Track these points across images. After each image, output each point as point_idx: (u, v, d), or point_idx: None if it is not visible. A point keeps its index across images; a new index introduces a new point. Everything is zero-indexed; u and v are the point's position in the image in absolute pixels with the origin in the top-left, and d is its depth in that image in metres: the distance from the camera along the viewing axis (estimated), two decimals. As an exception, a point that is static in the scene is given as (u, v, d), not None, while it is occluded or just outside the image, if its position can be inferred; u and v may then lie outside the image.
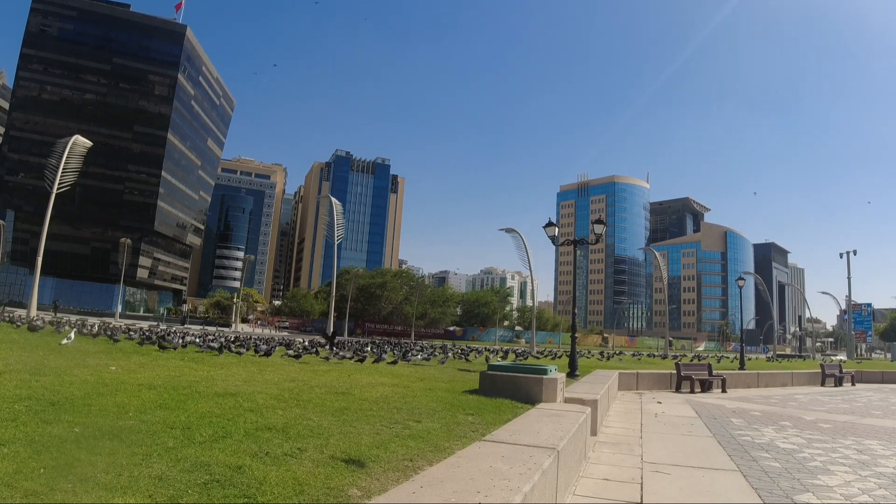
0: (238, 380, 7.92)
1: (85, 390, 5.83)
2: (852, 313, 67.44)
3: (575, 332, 15.60)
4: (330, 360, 13.88)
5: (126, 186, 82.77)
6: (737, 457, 6.71)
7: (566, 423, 5.12)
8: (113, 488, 2.85)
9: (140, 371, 8.24)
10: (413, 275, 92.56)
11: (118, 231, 76.48)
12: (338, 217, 49.06)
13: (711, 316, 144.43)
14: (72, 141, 39.33)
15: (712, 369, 17.35)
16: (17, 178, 76.38)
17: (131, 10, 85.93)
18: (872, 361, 54.05)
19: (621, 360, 27.95)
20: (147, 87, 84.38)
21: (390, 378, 9.63)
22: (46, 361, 8.46)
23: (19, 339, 13.32)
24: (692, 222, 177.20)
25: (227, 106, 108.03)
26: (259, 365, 10.88)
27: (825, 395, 17.44)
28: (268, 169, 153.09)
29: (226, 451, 3.72)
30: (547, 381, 7.14)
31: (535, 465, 3.35)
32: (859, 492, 5.30)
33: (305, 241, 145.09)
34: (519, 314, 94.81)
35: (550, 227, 16.37)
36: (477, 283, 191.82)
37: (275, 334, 49.71)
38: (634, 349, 67.35)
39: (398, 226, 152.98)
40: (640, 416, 10.15)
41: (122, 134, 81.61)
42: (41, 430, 3.98)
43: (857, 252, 59.16)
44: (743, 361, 25.63)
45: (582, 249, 55.07)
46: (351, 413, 5.51)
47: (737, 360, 31.80)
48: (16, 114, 78.17)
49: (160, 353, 12.37)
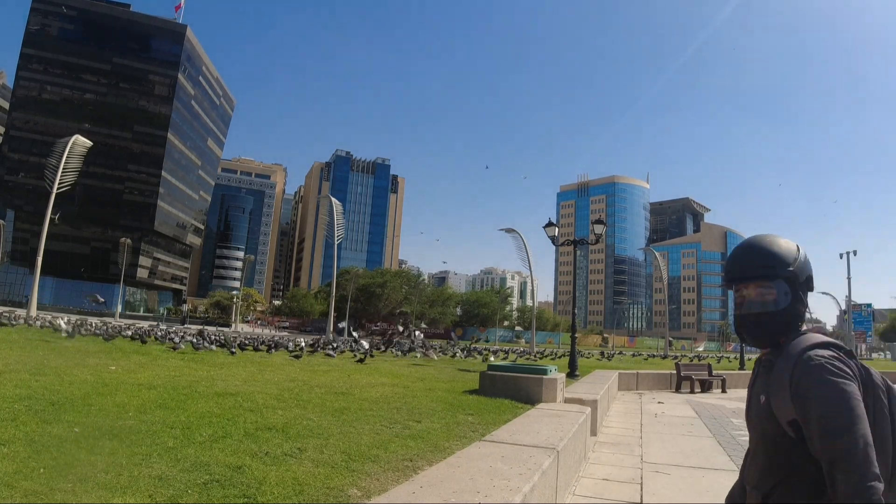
0: (238, 380, 7.92)
1: (85, 390, 5.84)
2: (852, 313, 67.47)
3: (575, 332, 15.61)
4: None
5: (126, 186, 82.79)
6: (737, 457, 6.71)
7: (566, 424, 5.12)
8: (113, 488, 2.86)
9: (140, 371, 8.24)
10: (413, 275, 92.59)
11: (118, 231, 76.49)
12: (338, 217, 49.08)
13: (711, 316, 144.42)
14: (72, 141, 39.32)
15: (712, 369, 17.36)
16: (17, 178, 76.37)
17: (131, 10, 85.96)
18: (872, 362, 54.06)
19: (621, 361, 27.96)
20: (147, 86, 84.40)
21: (390, 378, 9.64)
22: (46, 361, 8.46)
23: (19, 338, 13.32)
24: (692, 222, 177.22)
25: (227, 106, 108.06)
26: (259, 365, 10.89)
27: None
28: (268, 169, 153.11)
29: (226, 451, 3.72)
30: (547, 381, 7.14)
31: (535, 466, 3.35)
32: (859, 492, 5.30)
33: (305, 241, 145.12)
34: (519, 314, 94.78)
35: (550, 228, 16.38)
36: (477, 283, 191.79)
37: (274, 334, 49.69)
38: (634, 349, 67.36)
39: (398, 226, 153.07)
40: (640, 417, 10.15)
41: (122, 134, 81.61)
42: (41, 430, 3.98)
43: (857, 252, 59.18)
44: (743, 361, 25.64)
45: (582, 249, 55.14)
46: (351, 413, 5.51)
47: (736, 361, 31.84)
48: (16, 113, 78.17)
49: (160, 352, 12.37)
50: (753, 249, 1.51)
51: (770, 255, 1.46)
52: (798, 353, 1.35)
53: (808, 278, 1.48)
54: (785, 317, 1.44)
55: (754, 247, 1.51)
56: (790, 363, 1.35)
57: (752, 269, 1.48)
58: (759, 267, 1.46)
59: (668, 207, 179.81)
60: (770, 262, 1.45)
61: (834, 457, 1.20)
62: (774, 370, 1.40)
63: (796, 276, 1.44)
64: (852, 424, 1.21)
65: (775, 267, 1.44)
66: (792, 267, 1.44)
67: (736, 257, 1.54)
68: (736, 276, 1.52)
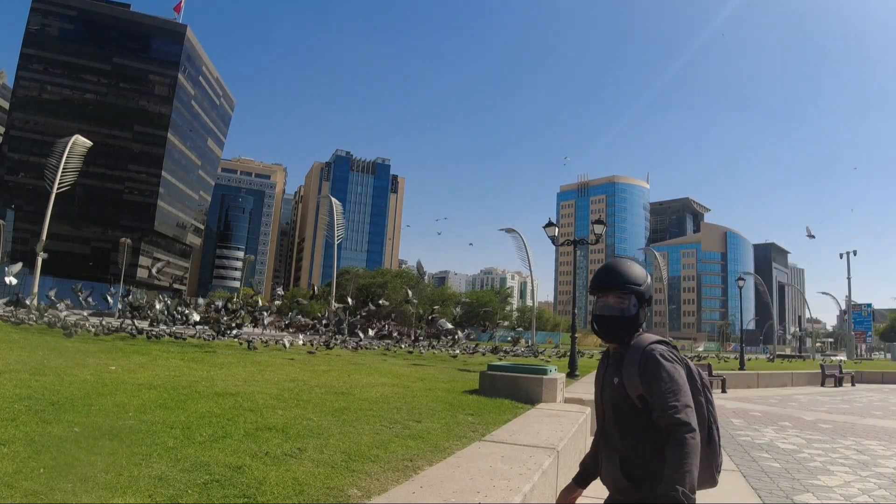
0: (238, 380, 7.92)
1: (85, 390, 5.83)
2: (852, 313, 67.46)
3: (575, 333, 15.60)
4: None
5: (126, 186, 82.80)
6: (737, 457, 6.71)
7: (566, 424, 5.12)
8: (113, 488, 2.85)
9: (140, 371, 8.24)
10: (414, 275, 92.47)
11: (118, 231, 76.54)
12: (338, 217, 49.10)
13: (711, 316, 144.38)
14: (72, 141, 39.33)
15: (712, 369, 17.35)
16: (17, 178, 76.39)
17: (131, 10, 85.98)
18: (872, 362, 54.01)
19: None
20: (147, 86, 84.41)
21: (390, 378, 9.63)
22: (46, 361, 8.46)
23: (19, 338, 13.31)
24: (692, 222, 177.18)
25: (227, 106, 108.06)
26: (259, 365, 10.88)
27: (825, 395, 17.45)
28: (268, 169, 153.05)
29: (226, 450, 3.72)
30: (547, 381, 7.13)
31: (535, 466, 3.35)
32: (859, 492, 5.30)
33: (305, 241, 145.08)
34: (519, 314, 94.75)
35: (550, 228, 16.37)
36: (477, 283, 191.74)
37: (274, 334, 49.59)
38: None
39: (398, 226, 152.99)
40: (640, 417, 10.13)
41: (123, 134, 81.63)
42: (41, 430, 3.98)
43: (857, 252, 59.24)
44: (743, 362, 25.64)
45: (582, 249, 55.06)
46: (351, 413, 5.51)
47: (736, 361, 31.83)
48: (16, 113, 78.18)
49: (160, 352, 12.36)
50: (619, 268, 2.00)
51: (629, 275, 1.97)
52: (643, 347, 1.88)
53: (650, 297, 2.00)
54: (633, 321, 1.95)
55: (620, 266, 2.01)
56: (638, 354, 1.86)
57: (616, 282, 1.96)
58: (621, 282, 1.95)
59: (668, 207, 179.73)
60: (629, 280, 1.96)
61: (670, 420, 1.70)
62: (626, 360, 1.89)
63: (643, 294, 1.96)
64: (683, 395, 1.75)
65: (631, 284, 1.95)
66: (641, 287, 1.96)
67: (604, 272, 2.02)
68: (604, 285, 1.99)
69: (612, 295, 1.96)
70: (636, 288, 1.95)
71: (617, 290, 1.95)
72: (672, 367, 1.80)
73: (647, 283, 1.99)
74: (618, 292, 1.95)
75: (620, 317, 1.95)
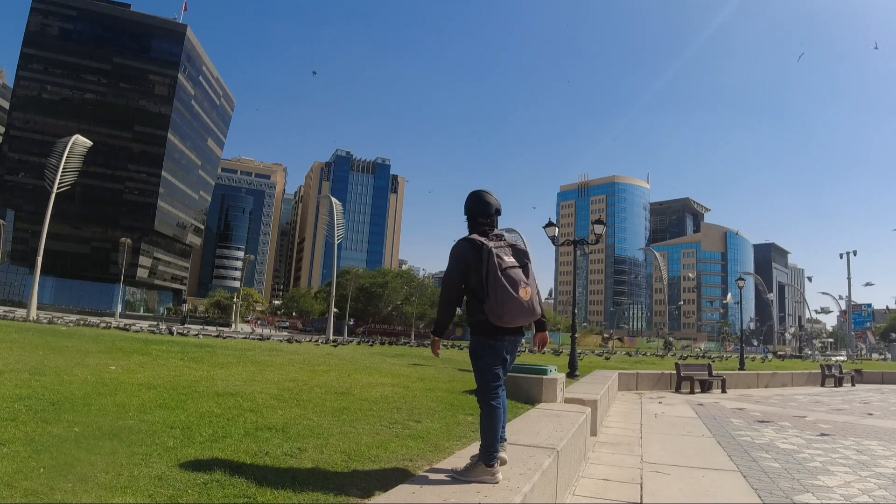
0: (238, 380, 7.92)
1: (85, 390, 5.83)
2: (852, 313, 67.46)
3: (575, 333, 15.60)
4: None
5: (126, 186, 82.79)
6: (736, 457, 6.71)
7: (566, 424, 5.12)
8: (113, 488, 2.86)
9: (140, 371, 8.24)
10: (414, 275, 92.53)
11: (118, 231, 76.54)
12: (338, 217, 49.14)
13: (711, 316, 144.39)
14: (72, 140, 39.38)
15: (712, 369, 17.35)
16: (17, 178, 76.40)
17: (131, 9, 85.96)
18: (872, 362, 54.05)
19: (621, 361, 27.97)
20: (147, 86, 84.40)
21: (390, 378, 9.64)
22: (46, 361, 8.46)
23: (19, 338, 13.31)
24: (692, 222, 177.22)
25: (227, 106, 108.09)
26: (259, 365, 10.89)
27: (825, 395, 17.44)
28: (268, 169, 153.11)
29: (226, 451, 3.72)
30: (547, 381, 7.13)
31: (535, 466, 3.35)
32: (859, 492, 5.30)
33: (305, 240, 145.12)
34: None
35: (550, 228, 16.36)
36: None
37: (274, 334, 49.72)
38: (634, 349, 67.30)
39: (398, 226, 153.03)
40: (640, 417, 10.14)
41: (123, 133, 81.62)
42: (41, 430, 3.98)
43: (857, 253, 59.29)
44: (743, 362, 25.65)
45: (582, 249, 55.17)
46: (351, 413, 5.51)
47: (736, 361, 31.84)
48: (16, 113, 78.18)
49: (160, 352, 12.37)
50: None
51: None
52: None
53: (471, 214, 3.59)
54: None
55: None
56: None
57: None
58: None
59: (668, 207, 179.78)
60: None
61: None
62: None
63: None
64: (446, 276, 3.26)
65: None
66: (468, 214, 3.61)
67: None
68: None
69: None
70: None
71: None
72: (452, 255, 3.17)
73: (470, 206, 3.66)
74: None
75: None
